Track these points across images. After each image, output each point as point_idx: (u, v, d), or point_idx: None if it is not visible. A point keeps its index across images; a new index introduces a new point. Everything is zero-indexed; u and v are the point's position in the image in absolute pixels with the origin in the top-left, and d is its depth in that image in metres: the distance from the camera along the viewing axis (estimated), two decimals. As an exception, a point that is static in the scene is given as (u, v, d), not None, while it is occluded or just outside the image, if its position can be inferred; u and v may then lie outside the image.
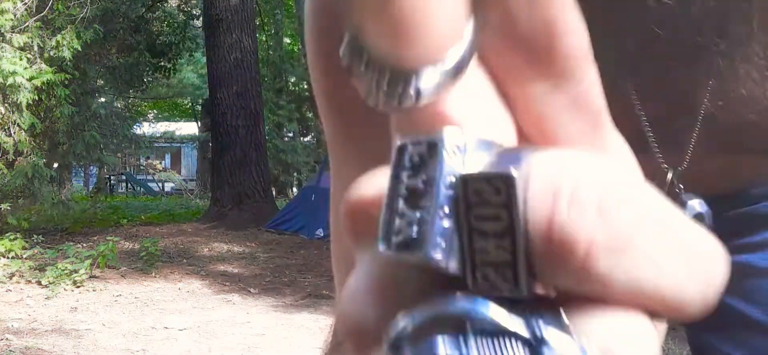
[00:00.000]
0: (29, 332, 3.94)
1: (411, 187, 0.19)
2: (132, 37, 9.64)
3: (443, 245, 0.18)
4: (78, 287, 5.25)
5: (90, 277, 5.50)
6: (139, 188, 20.68)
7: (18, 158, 7.23)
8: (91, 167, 14.79)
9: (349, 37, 0.21)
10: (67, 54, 7.02)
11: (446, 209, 0.18)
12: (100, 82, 10.26)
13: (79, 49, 7.24)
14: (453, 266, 0.18)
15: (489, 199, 0.18)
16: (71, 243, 6.57)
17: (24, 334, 3.90)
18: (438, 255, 0.18)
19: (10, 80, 6.37)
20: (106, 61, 9.59)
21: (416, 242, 0.18)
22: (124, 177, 21.51)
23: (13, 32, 6.71)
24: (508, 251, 0.18)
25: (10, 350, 3.53)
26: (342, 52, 0.21)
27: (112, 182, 19.75)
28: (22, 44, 6.74)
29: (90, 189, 15.47)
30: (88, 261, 5.64)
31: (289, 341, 3.77)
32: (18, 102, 6.55)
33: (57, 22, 7.33)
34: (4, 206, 7.01)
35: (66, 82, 7.30)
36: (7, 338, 3.75)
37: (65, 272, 5.40)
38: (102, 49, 9.22)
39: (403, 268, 0.20)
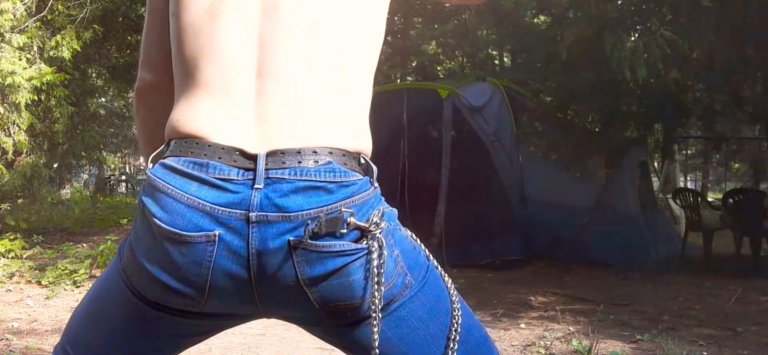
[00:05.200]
0: (29, 332, 3.94)
1: None
2: (131, 36, 9.62)
3: None
4: (78, 287, 5.25)
5: (90, 277, 5.50)
6: (139, 188, 20.64)
7: (17, 158, 7.22)
8: (91, 167, 14.78)
9: None
10: (66, 54, 7.01)
11: None
12: (100, 82, 10.25)
13: (79, 49, 7.23)
14: None
15: None
16: (71, 243, 6.57)
17: (24, 334, 3.90)
18: None
19: (9, 80, 6.36)
20: (105, 61, 9.58)
21: None
22: (124, 177, 21.48)
23: (13, 32, 6.70)
24: None
25: (10, 350, 3.53)
26: None
27: (111, 182, 19.72)
28: (21, 44, 6.73)
29: (90, 189, 15.45)
30: (88, 261, 5.64)
31: (289, 341, 3.77)
32: (17, 102, 6.54)
33: (57, 22, 7.32)
34: (3, 206, 7.00)
35: (65, 82, 7.29)
36: (7, 338, 3.75)
37: (65, 272, 5.40)
38: (102, 49, 9.21)
39: None
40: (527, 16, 11.05)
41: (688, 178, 20.71)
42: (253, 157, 0.94)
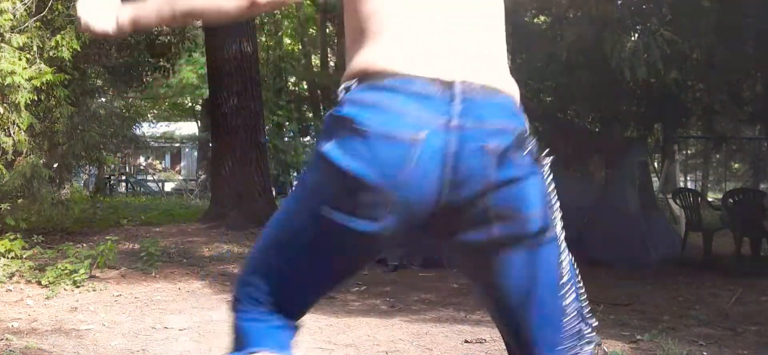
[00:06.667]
0: (29, 332, 3.94)
1: None
2: (131, 37, 9.62)
3: None
4: (78, 287, 5.25)
5: (90, 277, 5.50)
6: (139, 188, 20.64)
7: (17, 158, 7.22)
8: (91, 167, 14.78)
9: None
10: (66, 54, 7.00)
11: None
12: (100, 82, 10.25)
13: (79, 49, 7.22)
14: None
15: None
16: (71, 243, 6.56)
17: (24, 334, 3.90)
18: None
19: (9, 80, 6.36)
20: (105, 61, 9.57)
21: None
22: (124, 177, 21.48)
23: (13, 32, 6.69)
24: None
25: (10, 350, 3.53)
26: None
27: (111, 182, 19.71)
28: (21, 44, 6.72)
29: (90, 189, 15.45)
30: (88, 261, 5.63)
31: (289, 341, 3.76)
32: (17, 102, 6.53)
33: (56, 22, 7.31)
34: (3, 206, 6.99)
35: (65, 82, 7.28)
36: (7, 338, 3.75)
37: (65, 272, 5.40)
38: (101, 49, 9.20)
39: None
40: (527, 16, 11.03)
41: (688, 178, 20.70)
42: (450, 84, 1.11)
